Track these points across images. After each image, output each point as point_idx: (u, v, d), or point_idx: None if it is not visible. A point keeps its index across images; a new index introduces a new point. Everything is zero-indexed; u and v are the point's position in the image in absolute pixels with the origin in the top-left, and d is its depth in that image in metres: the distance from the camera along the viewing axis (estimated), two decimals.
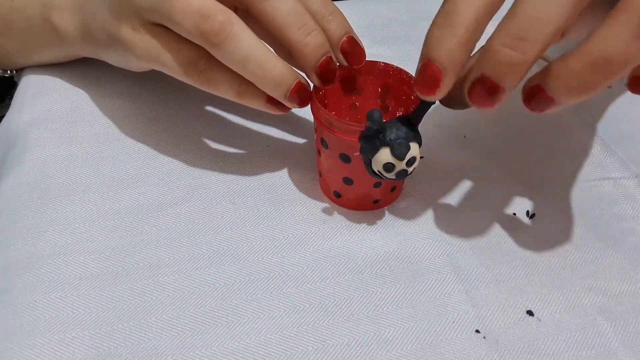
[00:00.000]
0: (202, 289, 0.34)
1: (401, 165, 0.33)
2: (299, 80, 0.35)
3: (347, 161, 0.36)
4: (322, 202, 0.40)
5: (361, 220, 0.39)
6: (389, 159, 0.32)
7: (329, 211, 0.39)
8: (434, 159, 0.42)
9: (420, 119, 0.33)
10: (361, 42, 0.37)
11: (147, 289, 0.34)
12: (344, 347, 0.32)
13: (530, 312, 0.34)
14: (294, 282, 0.35)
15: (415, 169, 0.34)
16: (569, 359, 0.32)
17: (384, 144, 0.32)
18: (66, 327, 0.32)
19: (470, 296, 0.35)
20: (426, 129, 0.34)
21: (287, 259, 0.36)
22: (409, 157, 0.33)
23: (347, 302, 0.34)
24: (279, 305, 0.34)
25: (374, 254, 0.37)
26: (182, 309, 0.33)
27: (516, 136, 0.46)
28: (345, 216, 0.39)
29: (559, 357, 0.32)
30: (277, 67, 0.34)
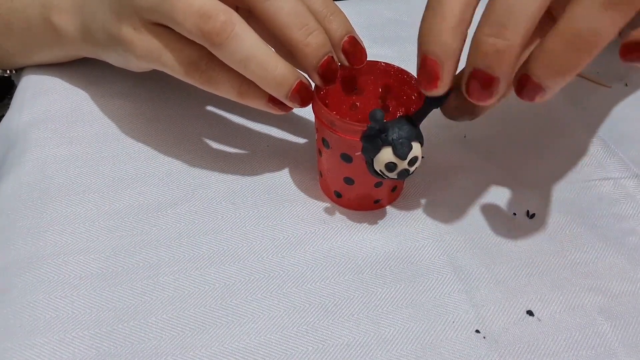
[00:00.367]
0: (202, 289, 0.34)
1: (403, 164, 0.33)
2: (300, 80, 0.35)
3: (349, 161, 0.36)
4: (322, 202, 0.40)
5: (361, 220, 0.39)
6: (391, 158, 0.32)
7: (329, 211, 0.39)
8: (434, 159, 0.42)
9: (422, 119, 0.33)
10: (362, 42, 0.37)
11: (147, 289, 0.34)
12: (344, 347, 0.32)
13: (530, 312, 0.34)
14: (294, 282, 0.35)
15: (416, 168, 0.34)
16: (569, 359, 0.32)
17: (386, 143, 0.32)
18: (66, 327, 0.32)
19: (470, 296, 0.35)
20: (426, 129, 0.35)
21: (287, 259, 0.36)
22: (411, 156, 0.33)
23: (347, 302, 0.34)
24: (279, 305, 0.34)
25: (374, 254, 0.37)
26: (182, 309, 0.33)
27: (516, 136, 0.46)
28: (345, 216, 0.39)
29: (559, 357, 0.32)
30: (279, 67, 0.34)
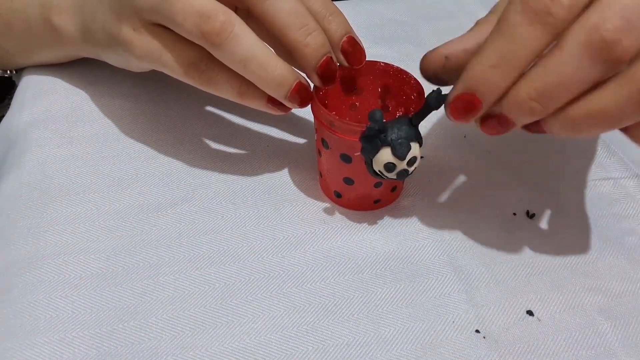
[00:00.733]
0: (202, 289, 0.34)
1: (402, 165, 0.33)
2: (299, 80, 0.35)
3: (348, 161, 0.36)
4: (322, 202, 0.40)
5: (361, 220, 0.39)
6: (390, 158, 0.32)
7: (329, 211, 0.39)
8: (434, 159, 0.42)
9: (421, 120, 0.33)
10: (361, 42, 0.38)
11: (147, 289, 0.34)
12: (344, 347, 0.32)
13: (530, 312, 0.34)
14: (294, 282, 0.35)
15: (415, 168, 0.34)
16: (569, 359, 0.32)
17: (385, 143, 0.32)
18: (66, 327, 0.32)
19: (470, 296, 0.35)
20: (426, 129, 0.35)
21: (287, 259, 0.36)
22: (410, 156, 0.33)
23: (347, 302, 0.34)
24: (279, 305, 0.34)
25: (374, 254, 0.37)
26: (182, 309, 0.33)
27: (516, 136, 0.46)
28: (345, 216, 0.39)
29: (559, 357, 0.32)
30: (278, 68, 0.34)
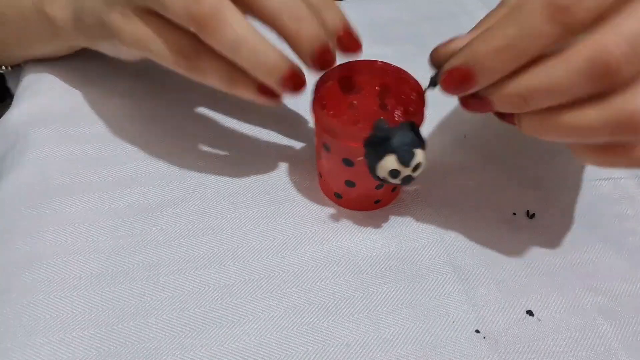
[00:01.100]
0: (202, 289, 0.34)
1: (407, 171, 0.33)
2: (292, 66, 0.34)
3: (350, 165, 0.36)
4: (322, 203, 0.40)
5: (361, 220, 0.39)
6: (395, 165, 0.32)
7: (329, 211, 0.39)
8: (434, 159, 0.42)
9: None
10: (356, 32, 0.37)
11: (147, 289, 0.34)
12: (344, 347, 0.32)
13: (530, 312, 0.34)
14: (294, 282, 0.35)
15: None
16: (569, 359, 0.32)
17: (390, 150, 0.32)
18: (66, 327, 0.32)
19: (470, 296, 0.35)
20: (426, 129, 0.34)
21: (287, 259, 0.36)
22: (414, 163, 0.32)
23: (347, 302, 0.34)
24: (278, 305, 0.34)
25: (374, 254, 0.37)
26: (182, 309, 0.33)
27: (516, 136, 0.46)
28: (345, 216, 0.39)
29: (559, 357, 0.32)
30: (270, 52, 0.33)
